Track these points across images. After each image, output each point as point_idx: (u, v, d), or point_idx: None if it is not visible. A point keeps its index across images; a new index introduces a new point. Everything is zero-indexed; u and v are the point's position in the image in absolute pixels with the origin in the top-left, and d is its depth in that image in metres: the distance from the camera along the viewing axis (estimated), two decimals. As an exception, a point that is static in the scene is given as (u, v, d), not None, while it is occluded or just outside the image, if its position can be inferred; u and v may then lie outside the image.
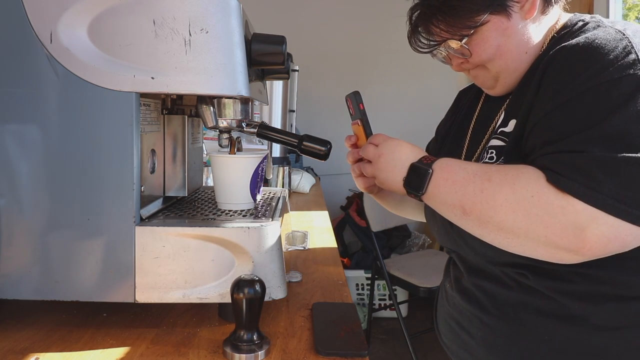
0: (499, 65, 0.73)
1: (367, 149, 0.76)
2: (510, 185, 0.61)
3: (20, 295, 0.73)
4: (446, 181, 0.66)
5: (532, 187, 0.59)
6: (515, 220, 0.60)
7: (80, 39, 0.70)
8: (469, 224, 0.65)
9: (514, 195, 0.60)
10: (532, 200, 0.59)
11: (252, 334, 0.69)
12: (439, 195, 0.67)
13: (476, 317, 0.76)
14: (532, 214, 0.59)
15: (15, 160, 0.72)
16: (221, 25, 0.70)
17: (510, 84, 0.76)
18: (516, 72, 0.74)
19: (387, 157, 0.72)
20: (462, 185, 0.64)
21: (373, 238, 2.33)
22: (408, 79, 3.28)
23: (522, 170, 0.62)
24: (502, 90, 0.77)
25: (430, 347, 2.51)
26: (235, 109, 0.85)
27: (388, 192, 0.92)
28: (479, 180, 0.63)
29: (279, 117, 1.98)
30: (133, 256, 0.72)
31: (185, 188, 0.98)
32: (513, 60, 0.73)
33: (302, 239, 1.33)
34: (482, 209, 0.62)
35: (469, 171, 0.65)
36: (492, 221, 0.62)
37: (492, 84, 0.77)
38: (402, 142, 0.73)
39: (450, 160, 0.68)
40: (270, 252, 0.75)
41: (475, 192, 0.63)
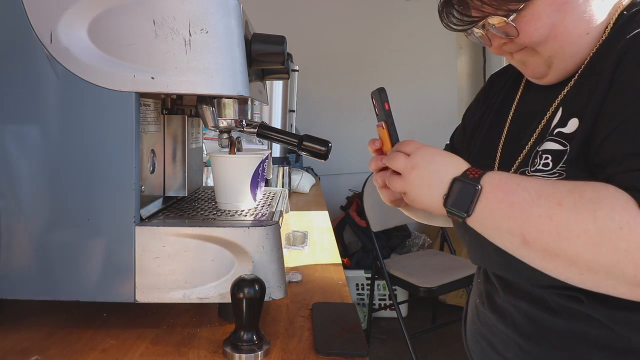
0: (553, 48, 0.60)
1: (395, 159, 0.62)
2: (590, 212, 0.48)
3: (20, 295, 0.73)
4: (501, 202, 0.53)
5: (620, 217, 0.47)
6: (597, 256, 0.47)
7: (80, 39, 0.70)
8: (529, 255, 0.53)
9: (596, 226, 0.47)
10: (621, 233, 0.46)
11: (252, 334, 0.69)
12: (491, 219, 0.54)
13: (514, 342, 0.65)
14: (621, 250, 0.46)
15: (15, 160, 0.72)
16: (221, 25, 0.70)
17: (565, 72, 0.63)
18: (574, 57, 0.61)
19: (422, 170, 0.59)
20: (522, 209, 0.51)
21: (373, 238, 2.33)
22: (408, 79, 3.28)
23: (602, 193, 0.49)
24: (555, 79, 0.64)
25: (430, 347, 2.51)
26: (235, 109, 0.85)
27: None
28: (546, 204, 0.50)
29: (279, 117, 1.98)
30: (133, 256, 0.72)
31: (185, 188, 0.98)
32: (571, 43, 0.60)
33: (302, 239, 1.33)
34: (550, 240, 0.50)
35: (531, 191, 0.52)
36: (564, 255, 0.49)
37: (545, 71, 0.64)
38: (440, 151, 0.61)
39: (504, 175, 0.55)
40: (270, 252, 0.75)
41: (542, 218, 0.50)
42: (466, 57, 3.32)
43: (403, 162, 0.61)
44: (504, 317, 0.68)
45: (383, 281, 2.64)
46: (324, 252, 1.25)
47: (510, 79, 0.76)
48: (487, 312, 0.72)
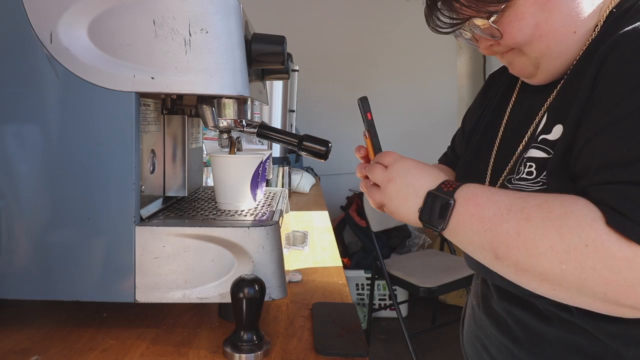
0: (539, 48, 0.59)
1: (374, 171, 0.63)
2: (556, 228, 0.47)
3: (20, 295, 0.73)
4: (472, 217, 0.53)
5: (585, 233, 0.45)
6: (565, 273, 0.47)
7: (80, 39, 0.70)
8: (502, 269, 0.52)
9: (562, 243, 0.46)
10: (587, 250, 0.45)
11: (252, 334, 0.69)
12: (463, 233, 0.54)
13: (506, 347, 0.65)
14: (587, 267, 0.45)
15: (15, 160, 0.72)
16: (221, 25, 0.70)
17: (554, 71, 0.61)
18: (562, 56, 0.59)
19: (398, 183, 0.60)
20: (492, 224, 0.51)
21: (373, 238, 2.33)
22: (408, 79, 3.28)
23: (571, 208, 0.47)
24: (544, 79, 0.63)
25: (430, 347, 2.51)
26: (235, 109, 0.85)
27: None
28: (514, 219, 0.50)
29: (279, 117, 1.98)
30: (133, 256, 0.72)
31: (185, 188, 0.98)
32: (557, 42, 0.58)
33: (302, 239, 1.33)
34: (519, 256, 0.49)
35: (501, 205, 0.51)
36: (534, 270, 0.49)
37: (532, 72, 0.62)
38: (417, 163, 0.60)
39: (476, 189, 0.55)
40: (270, 252, 0.75)
41: (510, 234, 0.50)
42: (466, 57, 3.32)
43: (380, 175, 0.62)
44: (498, 322, 0.67)
45: (383, 281, 2.65)
46: (324, 252, 1.25)
47: (507, 80, 0.75)
48: (482, 315, 0.72)
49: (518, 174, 0.61)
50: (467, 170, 0.74)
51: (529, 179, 0.59)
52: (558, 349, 0.59)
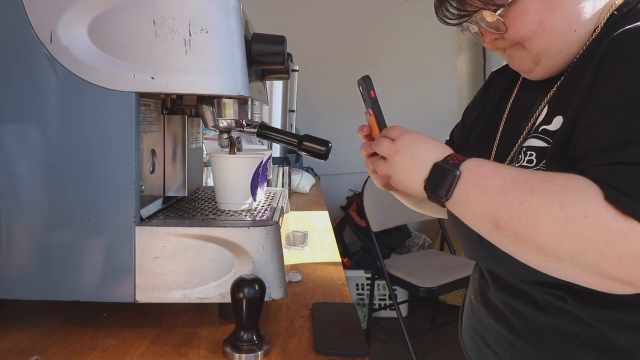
0: (541, 44, 0.61)
1: (381, 143, 0.64)
2: (558, 199, 0.49)
3: (20, 295, 0.73)
4: (477, 187, 0.54)
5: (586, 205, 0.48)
6: (561, 243, 0.49)
7: (80, 39, 0.70)
8: (501, 240, 0.54)
9: (562, 213, 0.48)
10: (586, 221, 0.47)
11: (252, 334, 0.69)
12: (467, 203, 0.55)
13: (504, 337, 0.67)
14: (584, 238, 0.47)
15: (15, 160, 0.72)
16: (221, 25, 0.70)
17: (553, 68, 0.64)
18: (561, 53, 0.62)
19: (404, 154, 0.61)
20: (496, 195, 0.53)
21: (373, 238, 2.33)
22: (408, 79, 3.28)
23: (573, 182, 0.50)
24: (543, 74, 0.65)
25: (430, 347, 2.51)
26: (235, 109, 0.85)
27: None
28: (519, 190, 0.51)
29: (279, 117, 1.98)
30: (133, 256, 0.72)
31: (185, 188, 0.98)
32: (559, 40, 0.61)
33: (302, 239, 1.33)
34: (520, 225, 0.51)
35: (507, 177, 0.53)
36: (532, 240, 0.51)
37: (531, 67, 0.65)
38: (423, 136, 0.62)
39: (483, 162, 0.56)
40: (270, 252, 0.75)
41: (514, 204, 0.51)
42: (466, 57, 3.32)
43: (387, 147, 0.63)
44: (495, 313, 0.69)
45: (383, 281, 2.64)
46: (324, 252, 1.25)
47: (509, 77, 0.77)
48: (480, 308, 0.73)
49: (518, 162, 0.63)
50: None
51: (529, 166, 0.61)
52: (554, 337, 0.61)
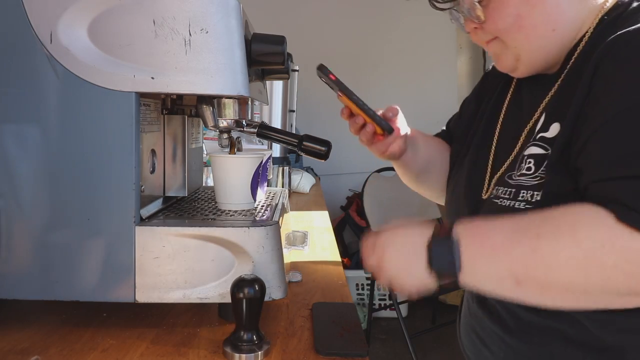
0: (519, 39, 0.62)
1: (366, 262, 0.62)
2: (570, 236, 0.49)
3: (20, 295, 0.73)
4: (483, 248, 0.53)
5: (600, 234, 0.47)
6: (588, 278, 0.48)
7: (80, 39, 0.70)
8: (527, 295, 0.52)
9: (580, 249, 0.48)
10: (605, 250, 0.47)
11: (252, 334, 0.69)
12: (480, 267, 0.53)
13: (498, 336, 0.68)
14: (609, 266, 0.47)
15: (15, 160, 0.72)
16: (221, 25, 0.70)
17: (534, 66, 0.65)
18: (539, 51, 0.63)
19: (392, 252, 0.59)
20: (505, 251, 0.52)
21: (373, 238, 2.33)
22: (408, 79, 3.28)
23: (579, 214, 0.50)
24: (526, 72, 0.66)
25: (430, 347, 2.51)
26: (235, 109, 0.85)
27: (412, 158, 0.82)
28: (525, 239, 0.51)
29: (279, 117, 1.98)
30: (133, 256, 0.72)
31: (185, 188, 0.98)
32: (536, 37, 0.61)
33: (302, 239, 1.33)
34: (540, 274, 0.50)
35: (505, 230, 0.52)
36: (558, 284, 0.50)
37: (513, 64, 0.66)
38: (397, 228, 0.60)
39: (472, 222, 0.56)
40: (270, 252, 0.75)
41: (526, 254, 0.50)
42: (466, 57, 3.32)
43: (373, 259, 0.61)
44: (490, 312, 0.69)
45: (383, 281, 2.64)
46: (324, 252, 1.25)
47: (504, 78, 0.77)
48: (477, 307, 0.73)
49: (519, 170, 0.62)
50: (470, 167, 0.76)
51: (528, 174, 0.60)
52: (545, 335, 0.61)
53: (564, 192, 0.56)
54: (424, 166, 0.85)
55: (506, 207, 0.63)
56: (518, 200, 0.61)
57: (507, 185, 0.64)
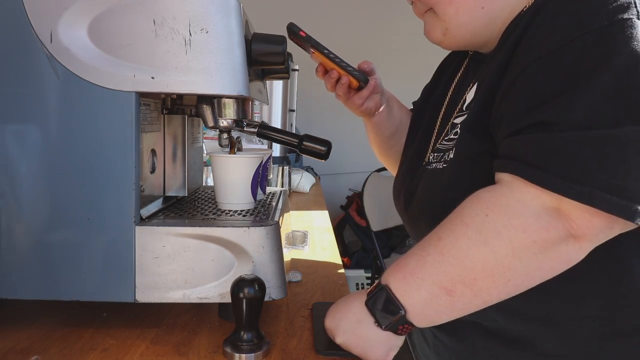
0: (448, 13, 0.65)
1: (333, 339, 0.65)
2: (459, 222, 0.52)
3: (20, 295, 0.73)
4: (405, 278, 0.55)
5: (478, 206, 0.51)
6: (495, 251, 0.49)
7: (80, 39, 0.70)
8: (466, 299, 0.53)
9: (471, 228, 0.50)
10: (488, 217, 0.49)
11: (252, 334, 0.69)
12: (414, 298, 0.55)
13: (430, 330, 0.72)
14: (500, 229, 0.49)
15: (15, 160, 0.72)
16: (221, 25, 0.70)
17: (459, 40, 0.68)
18: (467, 27, 0.66)
19: (343, 323, 0.61)
20: (420, 268, 0.54)
21: (373, 238, 2.33)
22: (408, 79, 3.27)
23: (463, 203, 0.53)
24: (451, 45, 0.70)
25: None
26: (235, 108, 0.85)
27: (386, 118, 0.87)
28: (430, 248, 0.53)
29: (279, 117, 1.98)
30: (133, 256, 0.72)
31: (185, 188, 0.98)
32: (465, 11, 0.64)
33: (302, 239, 1.33)
34: (458, 272, 0.51)
35: (415, 249, 0.55)
36: (477, 272, 0.51)
37: (439, 37, 0.69)
38: (336, 304, 0.64)
39: (396, 262, 0.58)
40: (270, 252, 0.75)
41: (436, 261, 0.52)
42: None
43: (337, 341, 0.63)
44: None
45: (383, 281, 2.64)
46: (324, 252, 1.25)
47: (458, 59, 0.81)
48: None
49: (447, 136, 0.66)
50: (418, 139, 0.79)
51: (454, 138, 0.64)
52: (467, 328, 0.65)
53: (474, 153, 0.58)
54: (395, 129, 0.89)
55: (432, 169, 0.67)
56: (440, 162, 0.65)
57: (437, 151, 0.68)
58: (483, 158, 0.57)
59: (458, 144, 0.61)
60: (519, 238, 0.49)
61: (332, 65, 0.77)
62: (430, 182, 0.66)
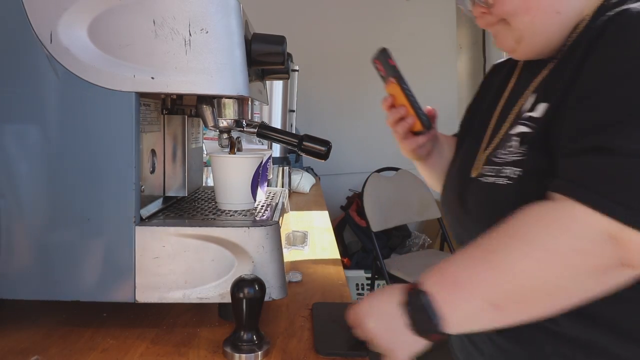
0: (524, 22, 0.63)
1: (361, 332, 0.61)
2: (515, 237, 0.51)
3: (20, 295, 0.73)
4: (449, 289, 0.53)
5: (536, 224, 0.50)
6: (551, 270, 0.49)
7: (80, 39, 0.70)
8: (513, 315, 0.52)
9: (527, 245, 0.50)
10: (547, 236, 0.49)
11: (252, 334, 0.69)
12: (457, 310, 0.53)
13: (485, 334, 0.68)
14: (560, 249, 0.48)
15: (15, 160, 0.72)
16: (221, 25, 0.70)
17: (534, 48, 0.66)
18: (542, 35, 0.64)
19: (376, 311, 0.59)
20: (469, 280, 0.52)
21: (373, 238, 2.33)
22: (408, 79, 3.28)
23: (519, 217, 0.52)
24: (525, 54, 0.68)
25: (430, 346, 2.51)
26: (235, 109, 0.85)
27: (437, 160, 0.85)
28: (482, 261, 0.52)
29: (279, 117, 1.98)
30: (133, 256, 0.72)
31: (185, 188, 0.98)
32: (541, 19, 0.63)
33: (302, 239, 1.33)
34: (510, 287, 0.50)
35: (464, 259, 0.54)
36: (531, 290, 0.50)
37: (513, 45, 0.67)
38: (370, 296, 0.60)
39: (436, 266, 0.56)
40: (270, 252, 0.75)
41: (488, 275, 0.51)
42: (466, 57, 3.32)
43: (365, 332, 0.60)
44: None
45: (383, 281, 2.64)
46: (324, 252, 1.25)
47: (507, 69, 0.80)
48: None
49: (505, 149, 0.65)
50: (465, 148, 0.78)
51: (512, 152, 0.63)
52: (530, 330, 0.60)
53: (542, 169, 0.57)
54: (446, 167, 0.86)
55: (489, 184, 0.65)
56: (500, 177, 0.63)
57: (492, 164, 0.66)
58: (550, 174, 0.56)
59: (526, 161, 0.60)
60: (577, 260, 0.49)
61: (405, 102, 0.75)
62: (491, 198, 0.64)
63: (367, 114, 3.25)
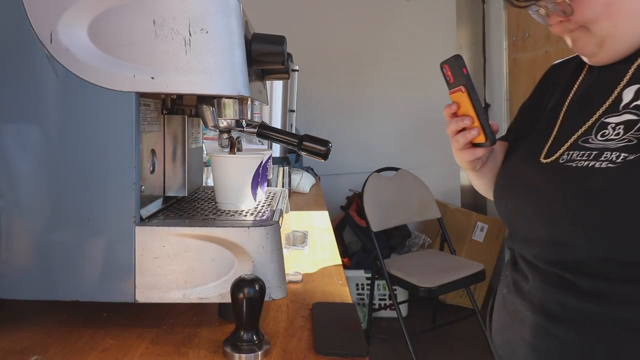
0: (606, 28, 0.62)
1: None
2: None
3: (20, 295, 0.73)
4: None
5: None
6: None
7: (80, 39, 0.70)
8: None
9: None
10: None
11: (252, 334, 0.69)
12: None
13: (542, 326, 0.66)
14: None
15: (15, 160, 0.72)
16: (221, 25, 0.70)
17: (618, 52, 0.64)
18: (627, 37, 0.62)
19: None
20: None
21: (373, 238, 2.33)
22: (408, 79, 3.28)
23: None
24: (607, 58, 0.66)
25: (430, 347, 2.51)
26: (235, 109, 0.85)
27: (491, 167, 0.83)
28: None
29: (279, 117, 1.98)
30: (133, 256, 0.72)
31: (185, 188, 0.98)
32: (625, 23, 0.61)
33: (302, 239, 1.33)
34: None
35: None
36: None
37: (594, 50, 0.66)
38: None
39: None
40: (270, 252, 0.75)
41: None
42: (466, 57, 3.31)
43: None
44: (532, 303, 0.68)
45: (383, 281, 2.64)
46: (324, 252, 1.25)
47: (572, 68, 0.78)
48: (515, 299, 0.72)
49: (603, 136, 0.63)
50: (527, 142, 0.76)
51: (615, 138, 0.61)
52: (596, 322, 0.60)
53: None
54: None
55: (584, 167, 0.63)
56: (600, 161, 0.61)
57: (584, 149, 0.64)
58: None
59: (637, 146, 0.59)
60: None
61: (472, 112, 0.72)
62: (594, 183, 0.62)
63: (367, 114, 3.25)
